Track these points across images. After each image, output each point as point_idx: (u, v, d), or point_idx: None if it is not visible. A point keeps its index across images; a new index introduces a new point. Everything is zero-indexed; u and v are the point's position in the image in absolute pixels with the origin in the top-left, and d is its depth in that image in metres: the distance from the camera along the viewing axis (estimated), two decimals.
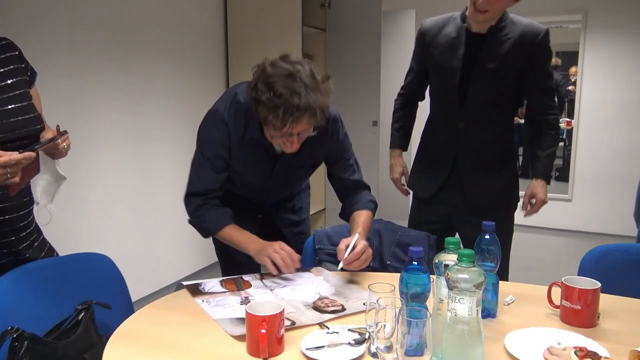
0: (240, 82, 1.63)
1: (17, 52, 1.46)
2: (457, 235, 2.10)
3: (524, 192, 2.02)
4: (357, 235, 1.53)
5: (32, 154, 1.26)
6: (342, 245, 1.51)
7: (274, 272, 1.53)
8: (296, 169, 1.69)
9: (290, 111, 1.35)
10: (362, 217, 1.66)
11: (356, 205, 1.70)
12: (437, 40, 1.95)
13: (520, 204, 2.08)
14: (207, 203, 1.63)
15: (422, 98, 2.19)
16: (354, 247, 1.50)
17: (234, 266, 1.73)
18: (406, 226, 2.01)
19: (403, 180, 2.20)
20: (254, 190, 1.76)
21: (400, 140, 2.18)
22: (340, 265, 1.50)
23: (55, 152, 1.44)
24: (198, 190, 1.62)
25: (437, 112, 2.07)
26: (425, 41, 2.00)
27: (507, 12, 1.88)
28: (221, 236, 1.64)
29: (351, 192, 1.74)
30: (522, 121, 2.11)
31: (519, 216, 2.11)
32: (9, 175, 1.22)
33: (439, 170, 2.04)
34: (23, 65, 1.47)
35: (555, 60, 6.03)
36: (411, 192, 2.24)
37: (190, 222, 1.67)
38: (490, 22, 1.86)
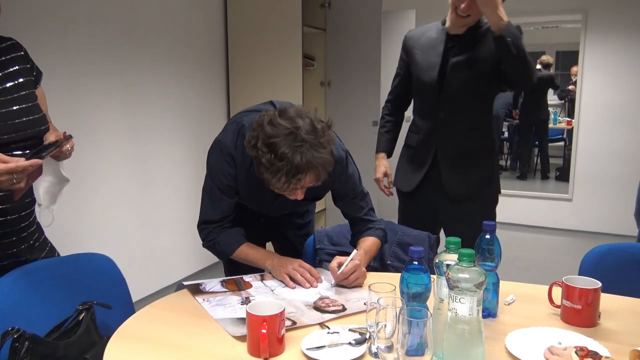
0: (244, 112, 1.63)
1: (22, 53, 1.46)
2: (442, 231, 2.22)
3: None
4: (352, 254, 1.54)
5: (39, 161, 1.25)
6: (333, 263, 1.53)
7: (292, 286, 1.53)
8: (298, 201, 1.70)
9: (292, 173, 1.33)
10: (366, 242, 1.66)
11: (364, 234, 1.70)
12: (420, 42, 2.11)
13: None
14: (219, 226, 1.65)
15: (408, 104, 2.31)
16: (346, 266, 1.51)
17: (237, 266, 1.74)
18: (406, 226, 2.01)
19: (385, 181, 2.31)
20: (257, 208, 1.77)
21: (386, 144, 2.31)
22: (333, 282, 1.53)
23: (59, 155, 1.44)
24: (212, 218, 1.64)
25: (420, 108, 2.17)
26: (408, 45, 2.16)
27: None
28: (237, 256, 1.65)
29: (360, 223, 1.73)
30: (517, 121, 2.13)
31: (519, 216, 2.12)
32: (14, 181, 1.22)
33: (421, 162, 2.13)
34: (29, 66, 1.47)
35: (547, 59, 6.05)
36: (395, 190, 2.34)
37: (204, 246, 1.69)
38: (470, 25, 1.98)
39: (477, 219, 2.03)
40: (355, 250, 1.57)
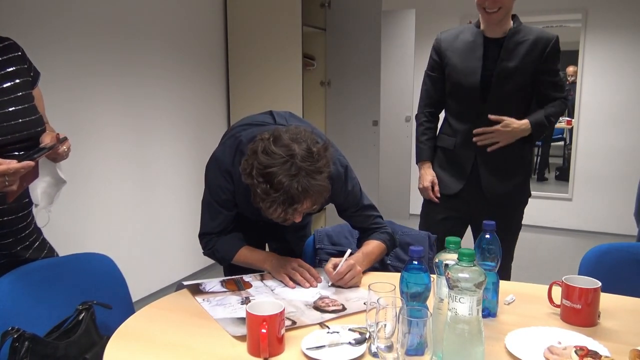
0: (242, 125, 1.62)
1: (19, 53, 1.45)
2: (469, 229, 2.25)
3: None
4: (346, 254, 1.54)
5: (31, 163, 1.25)
6: (328, 265, 1.53)
7: (292, 286, 1.53)
8: None
9: (288, 202, 1.32)
10: (368, 245, 1.65)
11: (368, 238, 1.69)
12: (455, 46, 2.10)
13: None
14: (217, 236, 1.66)
15: (443, 107, 2.26)
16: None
17: (237, 266, 1.74)
18: (407, 226, 2.01)
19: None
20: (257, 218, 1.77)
21: (429, 152, 2.27)
22: (329, 282, 1.53)
23: (56, 157, 1.44)
24: (211, 230, 1.65)
25: (458, 112, 2.16)
26: (442, 48, 2.13)
27: (519, 19, 2.04)
28: (236, 260, 1.66)
29: (366, 231, 1.73)
30: None
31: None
32: (6, 183, 1.21)
33: (462, 166, 2.14)
34: (26, 66, 1.46)
35: None
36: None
37: (205, 254, 1.70)
38: (505, 24, 2.00)
39: (510, 222, 2.09)
40: (349, 250, 1.56)
